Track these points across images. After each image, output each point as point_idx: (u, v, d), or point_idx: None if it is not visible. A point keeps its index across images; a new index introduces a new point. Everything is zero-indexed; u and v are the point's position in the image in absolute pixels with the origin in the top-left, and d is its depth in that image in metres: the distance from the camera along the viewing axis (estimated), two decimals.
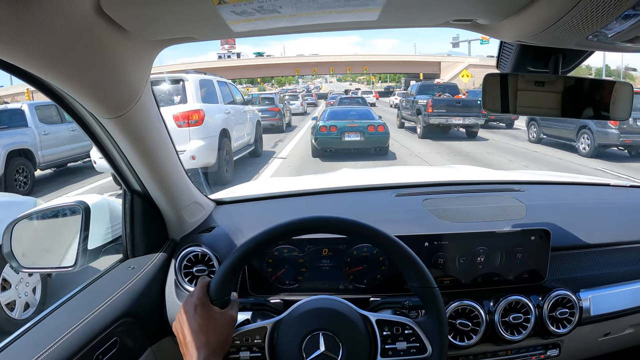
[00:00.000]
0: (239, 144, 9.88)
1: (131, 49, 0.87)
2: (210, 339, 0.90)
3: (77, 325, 1.01)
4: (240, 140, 9.95)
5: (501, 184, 1.80)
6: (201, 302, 0.93)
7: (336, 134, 11.05)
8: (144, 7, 0.74)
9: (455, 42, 66.31)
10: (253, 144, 11.18)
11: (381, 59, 63.23)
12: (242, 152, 10.14)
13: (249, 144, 10.87)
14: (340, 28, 0.91)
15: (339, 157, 10.97)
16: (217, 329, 0.91)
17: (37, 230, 1.40)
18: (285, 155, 11.61)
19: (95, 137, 1.10)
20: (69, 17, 0.67)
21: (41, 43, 0.66)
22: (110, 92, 0.91)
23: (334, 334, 0.93)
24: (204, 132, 7.80)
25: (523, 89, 1.10)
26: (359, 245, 1.30)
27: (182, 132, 7.45)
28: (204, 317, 0.91)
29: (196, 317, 0.91)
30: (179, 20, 0.81)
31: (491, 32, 0.90)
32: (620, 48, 0.88)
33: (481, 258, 1.28)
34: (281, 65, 59.47)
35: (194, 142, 7.59)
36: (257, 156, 11.40)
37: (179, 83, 7.85)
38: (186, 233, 1.38)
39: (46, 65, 0.73)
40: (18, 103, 10.71)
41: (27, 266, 1.34)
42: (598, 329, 1.38)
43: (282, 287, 1.30)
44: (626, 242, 1.44)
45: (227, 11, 0.75)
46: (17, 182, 9.03)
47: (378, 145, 11.30)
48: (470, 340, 1.21)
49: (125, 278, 1.21)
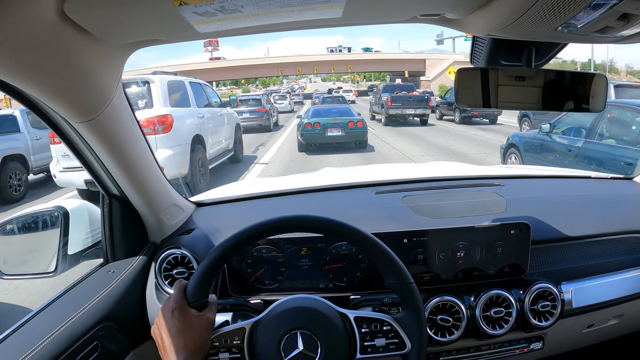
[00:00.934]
0: (216, 150, 9.20)
1: (99, 52, 0.86)
2: (189, 343, 0.90)
3: (57, 331, 1.00)
4: (217, 146, 9.25)
5: (481, 178, 1.80)
6: (178, 305, 0.93)
7: (319, 130, 12.18)
8: (107, 11, 0.74)
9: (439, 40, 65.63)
10: (232, 149, 10.48)
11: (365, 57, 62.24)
12: (219, 158, 9.44)
13: (228, 149, 10.20)
14: (306, 26, 0.91)
15: (322, 151, 12.20)
16: (194, 332, 0.91)
17: (17, 237, 1.39)
18: (267, 161, 11.28)
19: (70, 142, 1.09)
20: (33, 23, 0.66)
21: (7, 49, 0.66)
22: (80, 96, 0.91)
23: (312, 332, 0.93)
24: (173, 140, 7.00)
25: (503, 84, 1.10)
26: (337, 244, 1.29)
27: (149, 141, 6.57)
28: (181, 320, 0.91)
29: (174, 320, 0.91)
30: (143, 22, 0.80)
31: (460, 27, 0.90)
32: (592, 39, 0.88)
33: (461, 253, 1.28)
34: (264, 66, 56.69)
35: (162, 152, 6.73)
36: (237, 162, 10.77)
37: (145, 85, 7.04)
38: (166, 236, 1.38)
39: (14, 71, 0.73)
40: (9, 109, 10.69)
41: (8, 273, 1.33)
42: (581, 321, 1.38)
43: (262, 287, 1.30)
44: (607, 233, 1.44)
45: (189, 12, 0.74)
46: (11, 187, 9.06)
47: (357, 139, 12.56)
48: (452, 336, 1.21)
49: (105, 282, 1.21)
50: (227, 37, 0.92)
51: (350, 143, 12.58)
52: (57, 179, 7.21)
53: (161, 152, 6.72)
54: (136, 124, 1.16)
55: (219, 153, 9.43)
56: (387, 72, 69.70)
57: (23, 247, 1.41)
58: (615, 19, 0.72)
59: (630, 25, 0.75)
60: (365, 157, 11.45)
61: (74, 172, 6.65)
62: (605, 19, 0.73)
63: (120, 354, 1.16)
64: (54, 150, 7.20)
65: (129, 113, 1.11)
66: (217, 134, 9.27)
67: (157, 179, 1.29)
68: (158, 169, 1.29)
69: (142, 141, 1.20)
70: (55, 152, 7.17)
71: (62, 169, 7.02)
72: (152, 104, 6.94)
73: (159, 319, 0.93)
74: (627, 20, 0.72)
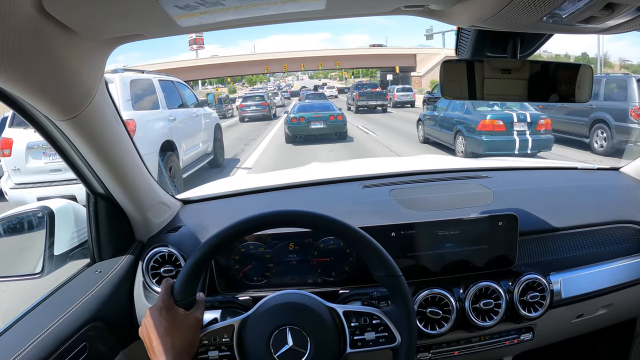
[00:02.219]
0: (192, 155, 8.42)
1: (81, 49, 0.85)
2: (176, 342, 0.89)
3: (44, 333, 0.99)
4: (193, 150, 8.49)
5: (468, 171, 1.81)
6: (165, 304, 0.92)
7: (304, 123, 13.77)
8: (87, 6, 0.73)
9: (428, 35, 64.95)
10: (212, 153, 9.75)
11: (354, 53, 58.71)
12: (197, 164, 8.70)
13: (207, 153, 9.49)
14: (289, 19, 0.90)
15: (307, 142, 13.68)
16: (182, 331, 0.91)
17: (1, 239, 1.37)
18: (250, 165, 10.74)
19: (53, 141, 1.08)
20: (11, 19, 0.65)
21: None
22: (62, 93, 0.89)
23: (301, 328, 0.93)
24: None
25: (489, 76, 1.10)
26: (325, 238, 1.29)
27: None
28: (169, 320, 0.90)
29: (161, 320, 0.90)
30: (124, 17, 0.79)
31: (444, 18, 0.89)
32: (576, 29, 0.88)
33: (450, 245, 1.28)
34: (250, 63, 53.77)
35: None
36: (218, 166, 10.07)
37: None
38: (153, 234, 1.36)
39: None
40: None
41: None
42: (570, 311, 1.39)
43: (250, 284, 1.29)
44: (594, 224, 1.45)
45: (170, 5, 0.73)
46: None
47: (337, 130, 14.15)
48: (442, 328, 1.21)
49: (92, 282, 1.20)
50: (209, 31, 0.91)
51: (332, 134, 14.09)
52: (9, 196, 6.33)
53: None
54: (120, 122, 1.15)
55: (195, 158, 8.72)
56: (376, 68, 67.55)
57: (8, 248, 1.39)
58: (600, 9, 0.72)
59: (615, 15, 0.75)
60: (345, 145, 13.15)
61: (26, 188, 6.03)
62: (590, 9, 0.73)
63: (109, 355, 1.15)
64: (4, 164, 6.25)
65: (112, 110, 1.10)
66: (192, 138, 8.56)
67: (142, 177, 1.27)
68: (143, 166, 1.28)
69: (127, 138, 1.18)
70: (5, 166, 6.23)
71: (13, 185, 6.17)
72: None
73: (146, 319, 0.93)
74: (612, 10, 0.72)
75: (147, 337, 0.91)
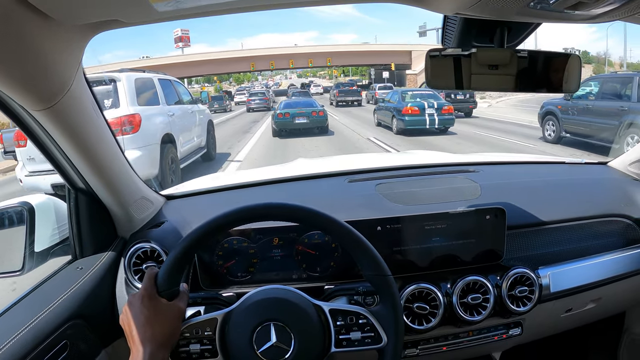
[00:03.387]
0: (188, 148, 8.96)
1: (56, 35, 0.82)
2: (156, 332, 0.87)
3: (23, 330, 0.97)
4: (188, 144, 9.04)
5: (455, 165, 1.80)
6: (148, 293, 0.91)
7: (289, 119, 14.99)
8: None
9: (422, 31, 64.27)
10: (205, 147, 10.33)
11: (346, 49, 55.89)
12: (192, 156, 9.23)
13: (200, 146, 10.04)
14: (273, 6, 0.87)
15: (292, 135, 14.87)
16: (164, 321, 0.89)
17: None
18: (241, 158, 11.15)
19: (30, 133, 1.05)
20: None
21: None
22: (37, 82, 0.87)
23: (285, 324, 0.91)
24: (141, 140, 6.70)
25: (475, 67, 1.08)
26: (310, 233, 1.28)
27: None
28: (150, 309, 0.89)
29: (142, 309, 0.89)
30: (99, 2, 0.76)
31: (429, 5, 0.87)
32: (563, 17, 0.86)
33: (436, 240, 1.27)
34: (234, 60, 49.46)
35: (130, 153, 6.31)
36: (210, 160, 10.65)
37: (111, 83, 6.68)
38: (135, 230, 1.34)
39: None
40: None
41: None
42: (559, 305, 1.38)
43: (234, 280, 1.28)
44: (582, 217, 1.45)
45: None
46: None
47: (319, 125, 15.42)
48: (430, 324, 1.20)
49: (73, 279, 1.17)
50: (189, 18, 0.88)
51: (314, 128, 15.32)
52: (23, 183, 6.72)
53: (129, 153, 6.27)
54: (99, 113, 1.11)
55: (191, 151, 9.19)
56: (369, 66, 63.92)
57: None
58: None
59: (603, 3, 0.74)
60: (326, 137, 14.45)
61: (40, 175, 6.31)
62: None
63: (91, 353, 1.13)
64: (19, 154, 6.74)
65: (92, 101, 1.07)
66: (188, 132, 9.05)
67: (124, 171, 1.25)
68: (125, 160, 1.25)
69: (107, 131, 1.15)
70: (20, 156, 6.72)
71: (27, 173, 6.65)
72: (118, 103, 6.62)
73: (127, 306, 0.91)
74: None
75: (128, 325, 0.89)
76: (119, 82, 6.67)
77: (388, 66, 49.77)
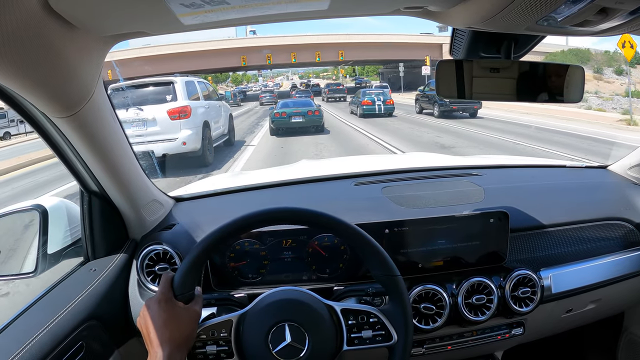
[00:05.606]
0: (217, 133, 11.54)
1: (81, 45, 0.85)
2: (175, 334, 0.90)
3: (40, 333, 0.98)
4: (217, 130, 11.60)
5: (459, 169, 1.83)
6: (165, 297, 0.93)
7: (286, 118, 15.62)
8: (93, 3, 0.73)
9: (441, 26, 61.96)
10: (227, 134, 12.89)
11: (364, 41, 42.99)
12: (218, 140, 11.65)
13: (224, 134, 12.55)
14: (292, 18, 0.91)
15: (288, 134, 15.23)
16: (181, 324, 0.91)
17: None
18: (255, 143, 14.05)
19: (48, 138, 1.07)
20: (15, 14, 0.65)
21: None
22: (61, 90, 0.89)
23: (299, 324, 0.94)
24: (191, 124, 9.58)
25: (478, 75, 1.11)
26: (320, 235, 1.31)
27: (175, 124, 9.36)
28: (168, 312, 0.91)
29: (160, 312, 0.91)
30: (129, 15, 0.79)
31: (442, 19, 0.91)
32: (569, 32, 0.90)
33: (442, 242, 1.30)
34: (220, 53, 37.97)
35: (184, 132, 9.41)
36: (231, 145, 13.16)
37: (170, 85, 9.64)
38: (146, 232, 1.36)
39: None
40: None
41: None
42: (560, 306, 1.42)
43: (245, 281, 1.30)
44: (582, 220, 1.48)
45: (176, 4, 0.74)
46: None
47: (315, 124, 15.92)
48: (435, 324, 1.23)
49: (87, 281, 1.19)
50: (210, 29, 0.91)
51: (310, 127, 15.79)
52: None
53: (184, 131, 9.40)
54: (116, 119, 1.14)
55: (218, 136, 11.77)
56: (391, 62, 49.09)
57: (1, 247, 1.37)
58: (594, 13, 0.74)
59: (608, 19, 0.77)
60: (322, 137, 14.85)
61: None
62: (585, 13, 0.75)
63: (104, 354, 1.15)
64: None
65: (109, 108, 1.10)
66: (217, 122, 11.70)
67: (137, 175, 1.27)
68: (138, 164, 1.28)
69: (122, 136, 1.18)
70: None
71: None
72: (176, 97, 9.53)
73: (145, 310, 0.93)
74: (606, 14, 0.74)
75: (145, 328, 0.91)
76: (175, 84, 9.65)
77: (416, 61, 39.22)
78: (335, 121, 19.60)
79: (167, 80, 9.84)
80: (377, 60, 54.33)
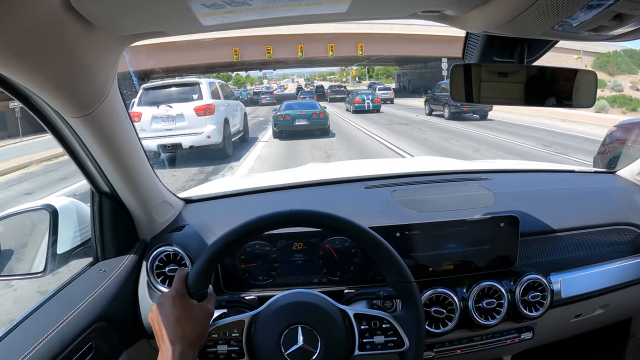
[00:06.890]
0: (234, 130, 12.89)
1: (98, 45, 0.85)
2: (187, 332, 0.89)
3: (50, 333, 0.98)
4: (235, 127, 13.02)
5: (468, 173, 1.83)
6: (179, 294, 0.92)
7: (289, 120, 15.27)
8: (114, 2, 0.73)
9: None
10: (242, 131, 14.36)
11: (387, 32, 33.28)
12: (235, 136, 13.03)
13: (239, 130, 13.92)
14: (311, 21, 0.92)
15: (292, 137, 15.14)
16: (194, 321, 0.91)
17: (4, 237, 1.35)
18: (266, 139, 15.35)
19: (61, 138, 1.07)
20: (36, 13, 0.65)
21: (7, 40, 0.64)
22: (76, 89, 0.89)
23: (312, 327, 0.94)
24: (215, 120, 11.00)
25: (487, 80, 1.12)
26: (331, 238, 1.31)
27: (200, 120, 10.72)
28: (181, 308, 0.91)
29: (173, 308, 0.90)
30: (149, 14, 0.80)
31: (458, 24, 0.91)
32: (584, 37, 0.90)
33: (452, 246, 1.30)
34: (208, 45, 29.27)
35: (209, 126, 10.83)
36: (245, 141, 14.51)
37: (196, 85, 11.37)
38: (156, 233, 1.36)
39: (13, 63, 0.72)
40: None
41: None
42: (569, 310, 1.42)
43: (255, 284, 1.30)
44: (592, 225, 1.48)
45: (197, 4, 0.74)
46: None
47: (320, 127, 15.53)
48: (446, 327, 1.23)
49: (96, 282, 1.19)
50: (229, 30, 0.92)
51: (315, 130, 15.47)
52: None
53: (209, 126, 10.83)
54: (129, 120, 1.14)
55: (235, 132, 13.10)
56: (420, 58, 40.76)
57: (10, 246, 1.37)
58: (609, 19, 0.75)
59: (624, 25, 0.77)
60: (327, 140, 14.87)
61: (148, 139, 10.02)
62: (600, 19, 0.75)
63: (113, 355, 1.15)
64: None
65: (123, 108, 1.10)
66: (234, 119, 13.07)
67: (148, 176, 1.27)
68: (149, 165, 1.28)
69: (135, 137, 1.18)
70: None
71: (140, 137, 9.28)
72: (202, 96, 11.05)
73: (157, 306, 0.93)
74: (621, 20, 0.74)
75: (157, 324, 0.91)
76: (201, 84, 11.35)
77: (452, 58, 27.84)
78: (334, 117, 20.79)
79: (194, 81, 11.82)
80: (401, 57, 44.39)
